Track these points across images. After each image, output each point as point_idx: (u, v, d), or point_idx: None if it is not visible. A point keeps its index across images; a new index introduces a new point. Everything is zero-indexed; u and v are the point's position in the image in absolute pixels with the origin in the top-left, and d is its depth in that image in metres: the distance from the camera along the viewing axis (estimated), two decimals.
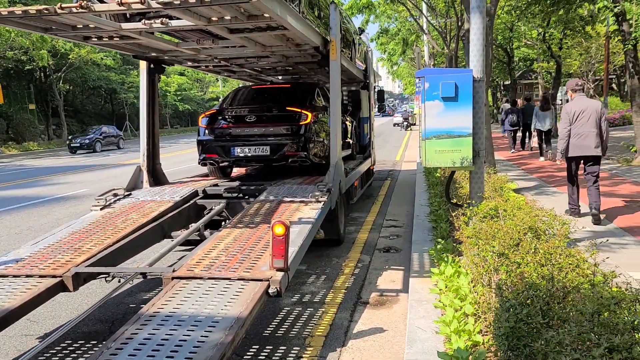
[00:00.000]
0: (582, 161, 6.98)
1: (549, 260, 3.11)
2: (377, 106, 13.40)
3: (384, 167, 15.99)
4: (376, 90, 13.50)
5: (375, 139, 12.84)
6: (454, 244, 5.41)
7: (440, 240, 5.82)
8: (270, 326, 4.52)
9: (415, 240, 6.51)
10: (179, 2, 3.88)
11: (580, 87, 7.10)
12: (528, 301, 2.44)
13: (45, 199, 12.06)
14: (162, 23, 4.70)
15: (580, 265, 3.02)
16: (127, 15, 5.05)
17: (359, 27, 11.23)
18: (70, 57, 34.59)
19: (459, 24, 13.94)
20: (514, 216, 4.20)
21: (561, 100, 27.88)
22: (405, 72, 45.11)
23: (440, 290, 4.41)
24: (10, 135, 34.19)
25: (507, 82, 38.82)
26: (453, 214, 5.34)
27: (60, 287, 4.03)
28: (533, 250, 3.22)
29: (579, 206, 7.19)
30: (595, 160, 6.87)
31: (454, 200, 5.89)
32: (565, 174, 7.38)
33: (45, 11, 4.13)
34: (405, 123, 40.93)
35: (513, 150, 16.82)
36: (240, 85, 10.50)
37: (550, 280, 2.67)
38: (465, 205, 5.10)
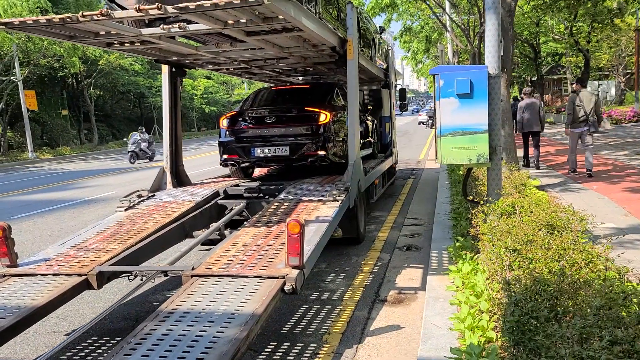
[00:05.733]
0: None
1: (563, 256, 3.09)
2: (398, 105, 13.36)
3: (407, 166, 15.92)
4: (398, 88, 13.46)
5: (400, 137, 12.80)
6: (473, 242, 5.39)
7: (459, 238, 5.80)
8: (289, 323, 4.59)
9: (435, 238, 6.49)
10: (194, 6, 3.98)
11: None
12: (536, 296, 2.44)
13: (75, 201, 12.43)
14: (180, 27, 4.83)
15: (594, 261, 2.99)
16: (147, 21, 5.19)
17: (379, 26, 11.23)
18: (100, 63, 35.49)
19: (482, 20, 13.79)
20: (530, 213, 4.17)
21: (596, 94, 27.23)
22: (429, 70, 44.72)
23: (456, 287, 4.41)
24: (44, 140, 35.24)
25: (534, 78, 38.11)
26: (473, 212, 5.32)
27: (85, 285, 4.18)
28: (546, 246, 3.20)
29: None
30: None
31: (470, 197, 5.86)
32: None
33: (68, 19, 4.30)
34: (430, 121, 40.49)
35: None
36: (260, 87, 10.63)
37: (561, 276, 2.66)
38: (482, 202, 5.07)
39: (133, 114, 50.07)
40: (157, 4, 4.02)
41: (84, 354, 4.22)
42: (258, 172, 8.52)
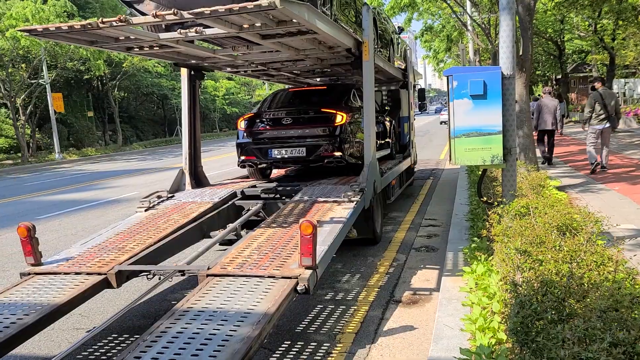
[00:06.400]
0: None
1: (574, 258, 3.08)
2: (417, 105, 13.32)
3: (427, 166, 15.85)
4: (417, 89, 13.41)
5: (421, 137, 12.79)
6: (488, 243, 5.37)
7: (475, 239, 5.78)
8: (303, 322, 4.65)
9: (452, 239, 6.48)
10: (209, 12, 4.06)
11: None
12: (543, 297, 2.44)
13: (100, 201, 12.72)
14: (196, 32, 4.93)
15: (605, 263, 2.97)
16: (164, 25, 5.30)
17: (398, 26, 11.22)
18: (124, 65, 36.18)
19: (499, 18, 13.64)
20: (544, 214, 4.15)
21: (617, 93, 26.68)
22: (443, 71, 44.29)
23: (470, 288, 4.41)
24: (70, 141, 36.07)
25: (559, 76, 37.45)
26: (489, 212, 5.31)
27: (104, 284, 4.32)
28: (557, 247, 3.19)
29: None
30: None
31: (485, 199, 5.84)
32: (616, 171, 9.80)
33: (89, 26, 4.43)
34: None
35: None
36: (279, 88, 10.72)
37: (569, 277, 2.66)
38: (496, 203, 5.06)
39: (156, 116, 50.85)
40: (173, 9, 4.12)
41: (104, 350, 4.35)
42: (276, 172, 8.60)
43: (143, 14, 5.21)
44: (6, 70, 27.95)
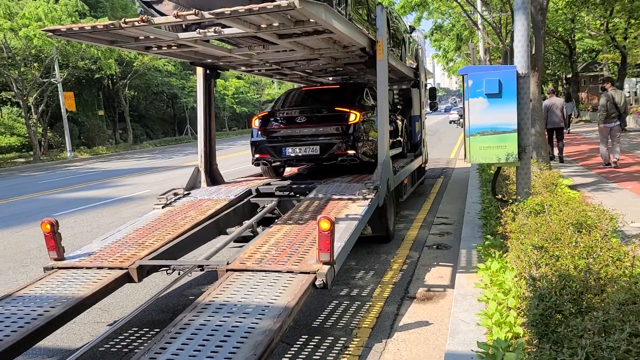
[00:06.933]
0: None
1: (590, 253, 3.13)
2: (428, 104, 13.36)
3: (438, 165, 15.88)
4: (428, 88, 13.45)
5: (430, 137, 12.84)
6: (502, 240, 5.42)
7: (489, 236, 5.82)
8: (319, 318, 4.72)
9: (464, 236, 6.53)
10: (229, 12, 4.15)
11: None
12: (561, 291, 2.50)
13: (113, 199, 12.87)
14: (215, 31, 5.02)
15: (622, 259, 3.02)
16: (184, 25, 5.40)
17: (409, 26, 11.28)
18: (135, 64, 36.45)
19: (514, 18, 13.64)
20: (559, 211, 4.19)
21: (629, 92, 26.53)
22: (458, 70, 44.23)
23: (485, 285, 4.46)
24: (81, 140, 36.39)
25: (569, 75, 37.24)
26: (502, 210, 5.35)
27: (126, 278, 4.42)
28: (574, 243, 3.24)
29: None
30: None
31: (499, 196, 5.89)
32: (628, 170, 9.88)
33: (112, 26, 4.53)
34: (461, 120, 40.09)
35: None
36: (291, 88, 10.80)
37: (587, 272, 2.72)
38: (510, 201, 5.11)
39: (166, 115, 51.14)
40: (194, 10, 4.21)
41: (125, 343, 4.45)
42: (289, 171, 8.69)
43: (162, 14, 5.32)
44: (19, 69, 28.26)
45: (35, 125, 29.87)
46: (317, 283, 3.87)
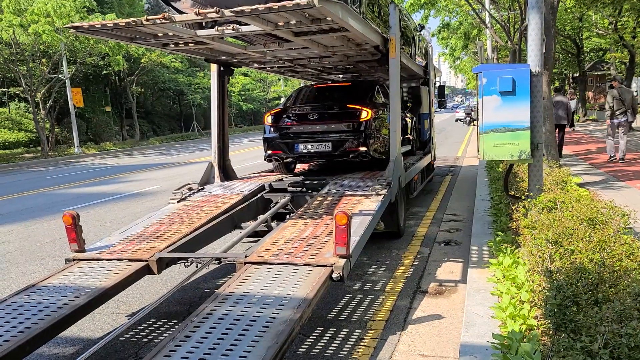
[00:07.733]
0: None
1: (604, 248, 3.21)
2: (437, 102, 13.42)
3: (445, 163, 15.94)
4: (436, 86, 13.51)
5: (437, 135, 12.90)
6: (513, 236, 5.50)
7: (500, 233, 5.90)
8: (334, 311, 4.82)
9: (475, 233, 6.61)
10: (249, 10, 4.24)
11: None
12: (577, 283, 2.58)
13: (123, 194, 13.00)
14: (233, 29, 5.11)
15: (635, 253, 3.10)
16: (202, 23, 5.49)
17: (419, 24, 11.32)
18: (142, 61, 36.61)
19: (523, 16, 13.66)
20: (572, 208, 4.27)
21: (636, 91, 26.47)
22: (467, 66, 44.12)
23: (497, 279, 4.55)
24: (89, 136, 36.63)
25: (576, 74, 37.13)
26: (514, 207, 5.43)
27: (146, 270, 4.52)
28: (587, 238, 3.32)
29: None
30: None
31: (512, 193, 5.96)
32: (637, 168, 9.97)
33: (133, 23, 4.63)
34: (467, 118, 40.07)
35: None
36: (302, 85, 10.88)
37: (602, 266, 2.80)
38: (523, 197, 5.18)
39: (172, 111, 51.33)
40: (215, 7, 4.30)
41: (145, 333, 4.56)
42: (300, 167, 8.78)
43: (179, 11, 5.41)
44: (27, 65, 28.47)
45: (43, 120, 30.07)
46: (334, 276, 3.96)
